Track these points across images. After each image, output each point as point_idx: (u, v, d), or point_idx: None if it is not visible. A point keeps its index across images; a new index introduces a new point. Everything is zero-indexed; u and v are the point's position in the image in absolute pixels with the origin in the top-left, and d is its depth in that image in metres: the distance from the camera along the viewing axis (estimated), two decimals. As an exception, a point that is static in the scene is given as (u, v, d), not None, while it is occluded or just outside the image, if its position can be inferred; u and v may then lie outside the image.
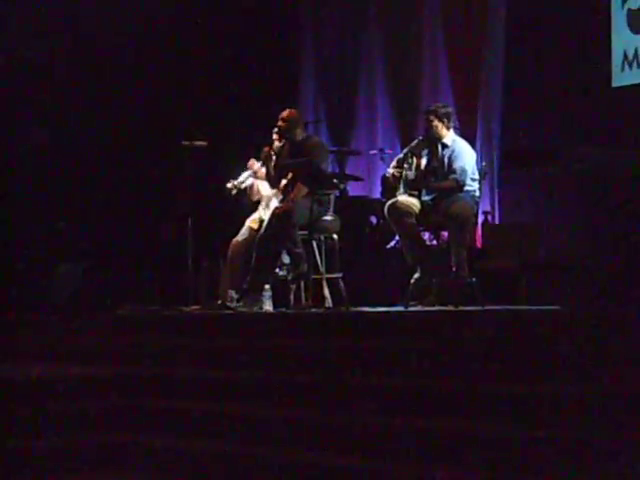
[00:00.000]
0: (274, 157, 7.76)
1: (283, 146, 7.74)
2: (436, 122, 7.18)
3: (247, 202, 7.98)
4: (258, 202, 7.98)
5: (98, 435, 5.85)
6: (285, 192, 7.64)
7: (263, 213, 7.80)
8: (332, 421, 5.30)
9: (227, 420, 5.69)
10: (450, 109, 7.35)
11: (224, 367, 6.19)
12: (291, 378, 5.80)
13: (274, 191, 7.85)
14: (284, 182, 7.69)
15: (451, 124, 7.26)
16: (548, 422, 4.63)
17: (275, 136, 7.83)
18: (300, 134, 7.68)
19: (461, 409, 4.96)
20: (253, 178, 7.87)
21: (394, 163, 7.31)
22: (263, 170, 7.83)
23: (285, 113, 7.63)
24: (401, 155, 7.32)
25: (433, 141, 7.23)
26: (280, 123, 7.62)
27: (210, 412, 5.82)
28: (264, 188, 7.93)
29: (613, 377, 4.74)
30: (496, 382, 5.09)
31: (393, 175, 7.22)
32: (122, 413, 6.02)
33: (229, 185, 7.85)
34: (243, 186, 7.90)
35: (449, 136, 7.22)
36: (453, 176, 7.09)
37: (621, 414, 4.47)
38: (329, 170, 7.66)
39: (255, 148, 7.97)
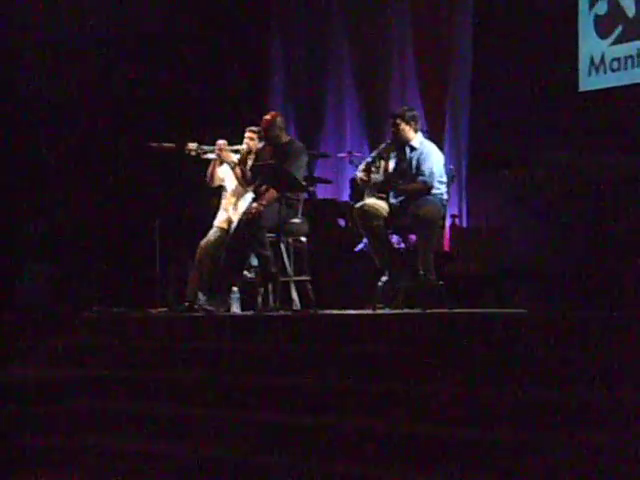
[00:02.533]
0: (252, 158, 7.76)
1: (264, 148, 7.74)
2: (403, 125, 7.20)
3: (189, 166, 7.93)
4: (220, 197, 7.95)
5: (61, 436, 5.83)
6: (257, 193, 7.63)
7: (232, 214, 7.79)
8: (297, 423, 5.31)
9: (193, 422, 5.69)
10: (416, 112, 7.38)
11: (191, 369, 6.19)
12: (258, 380, 5.81)
13: (241, 190, 7.84)
14: (257, 183, 7.69)
15: (418, 127, 7.29)
16: (513, 424, 4.66)
17: (249, 136, 7.81)
18: (284, 137, 7.69)
19: (427, 411, 4.99)
20: (217, 157, 7.81)
21: (362, 167, 7.31)
22: (231, 155, 7.79)
23: (268, 116, 7.63)
24: (369, 159, 7.33)
25: (401, 144, 7.25)
26: (263, 125, 7.62)
27: (176, 414, 5.82)
28: (227, 177, 7.90)
29: (577, 380, 4.78)
30: (461, 385, 5.12)
31: (361, 179, 7.24)
32: (87, 415, 6.01)
33: (192, 145, 7.80)
34: (204, 156, 7.85)
35: (417, 139, 7.25)
36: (421, 178, 7.11)
37: (585, 418, 4.52)
38: (302, 175, 7.66)
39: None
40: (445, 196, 7.20)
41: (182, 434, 5.64)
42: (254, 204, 7.43)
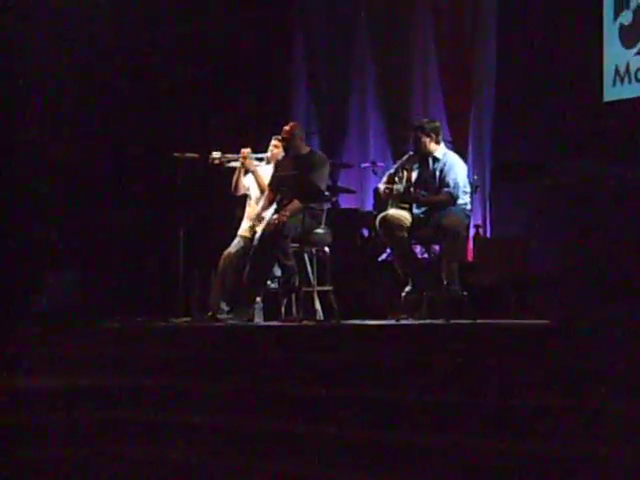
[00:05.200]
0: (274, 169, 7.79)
1: (284, 159, 7.77)
2: (424, 138, 7.18)
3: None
4: (244, 206, 7.97)
5: (84, 447, 5.83)
6: (280, 203, 7.64)
7: (256, 223, 7.81)
8: (321, 433, 5.30)
9: (215, 432, 5.69)
10: (438, 123, 7.34)
11: (214, 379, 6.19)
12: (281, 391, 5.80)
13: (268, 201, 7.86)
14: (280, 194, 7.70)
15: (440, 138, 7.26)
16: (538, 435, 4.64)
17: (274, 144, 7.86)
18: (304, 148, 7.71)
19: (451, 422, 4.97)
20: (241, 165, 7.86)
21: (385, 178, 7.31)
22: (254, 163, 7.85)
23: (287, 127, 7.67)
24: (392, 170, 7.34)
25: (423, 156, 7.24)
26: (284, 135, 7.65)
27: (197, 424, 5.82)
28: (251, 186, 7.94)
29: (600, 390, 4.75)
30: (486, 395, 5.09)
31: (384, 192, 7.24)
32: (110, 425, 6.01)
33: (216, 154, 7.86)
34: (227, 165, 7.91)
35: (440, 150, 7.23)
36: (447, 190, 7.09)
37: (608, 427, 4.49)
38: (325, 185, 7.66)
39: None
40: (469, 206, 7.19)
41: (200, 443, 5.63)
42: (277, 214, 7.44)
